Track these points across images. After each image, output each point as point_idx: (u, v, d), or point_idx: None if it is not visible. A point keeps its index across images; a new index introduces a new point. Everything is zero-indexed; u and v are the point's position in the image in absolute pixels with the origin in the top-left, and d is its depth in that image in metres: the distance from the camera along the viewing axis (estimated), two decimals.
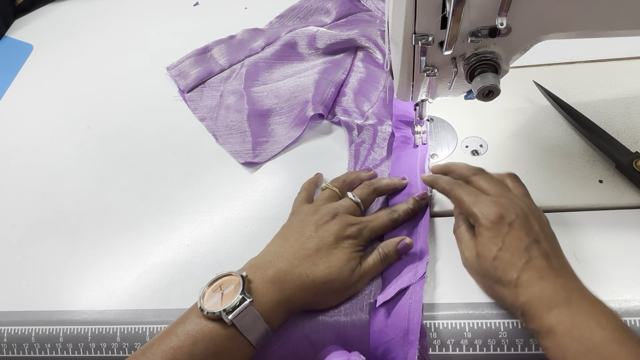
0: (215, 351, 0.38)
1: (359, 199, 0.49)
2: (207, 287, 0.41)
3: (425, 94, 0.47)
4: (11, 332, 0.49)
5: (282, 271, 0.42)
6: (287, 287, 0.42)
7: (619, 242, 0.46)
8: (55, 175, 0.63)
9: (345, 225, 0.46)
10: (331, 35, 0.68)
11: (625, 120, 0.54)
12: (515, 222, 0.40)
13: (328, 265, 0.43)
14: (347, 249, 0.44)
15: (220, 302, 0.40)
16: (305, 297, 0.43)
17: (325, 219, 0.46)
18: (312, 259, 0.43)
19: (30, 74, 0.79)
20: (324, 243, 0.44)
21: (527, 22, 0.38)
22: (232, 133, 0.62)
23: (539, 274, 0.38)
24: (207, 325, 0.39)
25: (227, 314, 0.39)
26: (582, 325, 0.35)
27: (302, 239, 0.45)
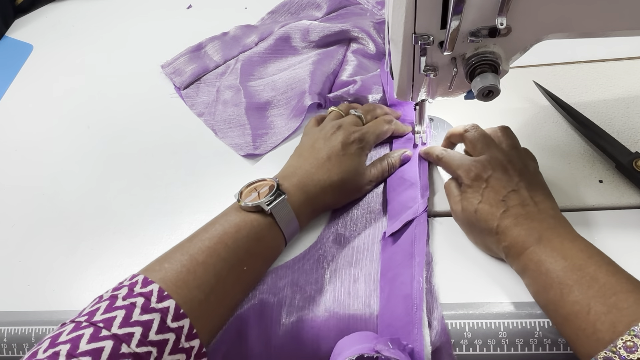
0: (256, 237, 0.44)
1: (360, 113, 0.56)
2: (244, 187, 0.47)
3: (425, 94, 0.47)
4: (11, 332, 0.49)
5: (304, 178, 0.49)
6: (310, 191, 0.48)
7: (619, 242, 0.46)
8: (55, 175, 0.63)
9: (349, 132, 0.52)
10: (324, 27, 0.68)
11: (625, 120, 0.54)
12: (492, 177, 0.45)
13: (340, 170, 0.49)
14: (354, 154, 0.51)
15: (258, 197, 0.46)
16: (326, 198, 0.50)
17: (332, 131, 0.52)
18: (326, 166, 0.49)
19: (30, 74, 0.79)
20: (333, 151, 0.50)
21: (527, 22, 0.38)
22: (231, 127, 0.63)
23: (515, 221, 0.42)
24: (248, 215, 0.45)
25: (266, 206, 0.45)
26: (548, 259, 0.40)
27: (314, 152, 0.51)
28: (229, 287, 0.43)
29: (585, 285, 0.37)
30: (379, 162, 0.53)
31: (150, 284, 0.38)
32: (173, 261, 0.41)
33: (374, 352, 0.39)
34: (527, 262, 0.41)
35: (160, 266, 0.41)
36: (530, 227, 0.42)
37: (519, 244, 0.42)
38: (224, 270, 0.42)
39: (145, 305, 0.37)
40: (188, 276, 0.40)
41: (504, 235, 0.43)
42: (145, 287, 0.38)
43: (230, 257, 0.42)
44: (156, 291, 0.38)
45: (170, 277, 0.40)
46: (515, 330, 0.42)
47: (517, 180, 0.44)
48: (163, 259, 0.42)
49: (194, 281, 0.40)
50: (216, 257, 0.42)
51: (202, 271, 0.41)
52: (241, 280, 0.44)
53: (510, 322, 0.42)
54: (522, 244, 0.41)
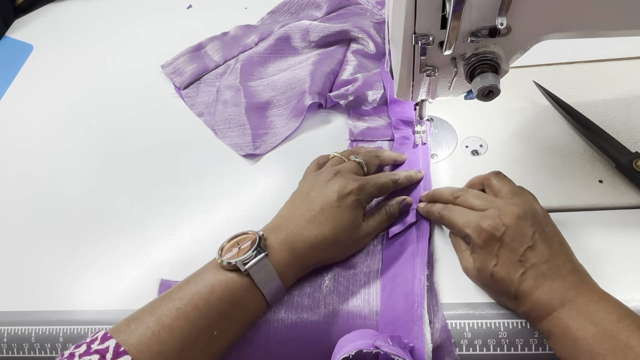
0: (232, 300, 0.41)
1: (361, 159, 0.51)
2: (226, 242, 0.44)
3: (425, 94, 0.47)
4: (11, 332, 0.49)
5: (292, 233, 0.45)
6: (298, 247, 0.44)
7: (619, 242, 0.46)
8: (55, 175, 0.63)
9: (347, 181, 0.47)
10: (324, 27, 0.68)
11: (625, 120, 0.54)
12: (506, 235, 0.41)
13: (334, 225, 0.45)
14: (350, 207, 0.46)
15: (238, 255, 0.42)
16: (317, 256, 0.45)
17: (328, 178, 0.48)
18: (318, 219, 0.45)
19: (30, 74, 0.79)
20: (328, 202, 0.46)
21: (527, 22, 0.38)
22: (231, 127, 0.63)
23: (535, 282, 0.39)
24: (224, 275, 0.41)
25: (244, 265, 0.41)
26: (575, 325, 0.37)
27: (307, 201, 0.47)
28: (196, 353, 0.39)
29: (620, 354, 0.34)
30: (377, 213, 0.49)
31: (108, 339, 0.37)
32: (140, 322, 0.39)
33: (374, 347, 0.39)
34: (553, 328, 0.38)
35: (126, 327, 0.38)
36: (551, 289, 0.39)
37: (541, 308, 0.39)
38: (192, 335, 0.39)
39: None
40: (151, 340, 0.37)
41: (524, 300, 0.40)
42: (103, 343, 0.36)
43: (199, 320, 0.39)
44: (112, 347, 0.36)
45: (133, 340, 0.37)
46: (515, 330, 0.42)
47: (531, 232, 0.41)
48: (132, 319, 0.39)
49: (157, 346, 0.37)
50: (184, 319, 0.39)
51: (167, 335, 0.38)
52: (211, 346, 0.40)
53: (510, 322, 0.42)
54: (545, 308, 0.38)
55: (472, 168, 0.53)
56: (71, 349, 0.37)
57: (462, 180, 0.52)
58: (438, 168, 0.54)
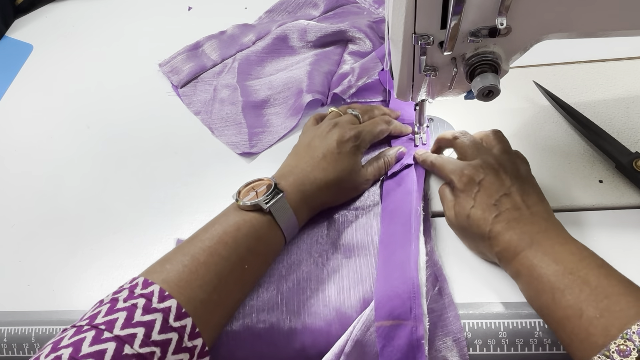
0: (256, 236, 0.44)
1: (357, 112, 0.55)
2: (242, 187, 0.47)
3: (425, 94, 0.47)
4: (11, 332, 0.49)
5: (300, 178, 0.49)
6: (306, 189, 0.48)
7: (619, 242, 0.46)
8: (55, 175, 0.63)
9: (345, 130, 0.51)
10: (321, 27, 0.68)
11: (625, 120, 0.54)
12: (484, 181, 0.45)
13: (335, 169, 0.49)
14: (349, 153, 0.51)
15: (256, 196, 0.46)
16: (323, 197, 0.50)
17: (328, 129, 0.52)
18: (321, 165, 0.49)
19: (30, 74, 0.79)
20: (329, 149, 0.50)
21: (527, 22, 0.38)
22: (228, 125, 0.63)
23: (507, 225, 0.42)
24: (247, 214, 0.45)
25: (265, 204, 0.45)
26: (539, 264, 0.39)
27: (310, 150, 0.51)
28: (230, 286, 0.42)
29: (577, 289, 0.37)
30: (375, 161, 0.53)
31: (151, 285, 0.38)
32: (174, 262, 0.41)
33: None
34: (520, 267, 0.41)
35: (161, 267, 0.41)
36: (522, 231, 0.41)
37: (511, 249, 0.41)
38: (226, 270, 0.42)
39: (147, 306, 0.37)
40: (190, 276, 0.40)
41: (496, 240, 0.43)
42: (146, 288, 0.38)
43: (231, 255, 0.42)
44: (157, 292, 0.38)
45: (172, 278, 0.39)
46: (515, 330, 0.42)
47: (509, 184, 0.44)
48: (164, 260, 0.42)
49: (196, 281, 0.40)
50: (217, 256, 0.42)
51: (204, 271, 0.41)
52: (242, 279, 0.44)
53: (510, 322, 0.42)
54: (514, 248, 0.41)
55: None
56: (110, 295, 0.39)
57: None
58: None
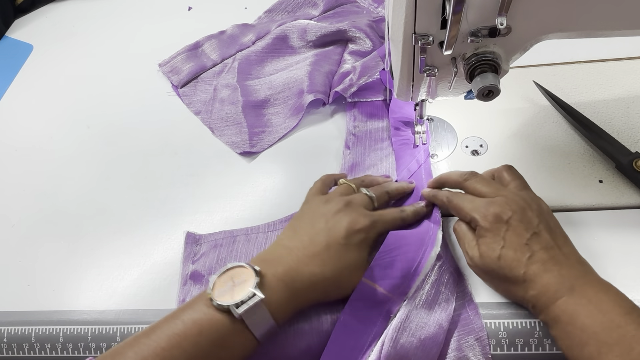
0: (221, 343, 0.38)
1: (373, 194, 0.48)
2: (217, 276, 0.40)
3: (425, 94, 0.47)
4: (11, 332, 0.49)
5: (292, 269, 0.41)
6: (297, 286, 0.41)
7: (619, 242, 0.46)
8: (55, 175, 0.63)
9: (357, 217, 0.44)
10: (321, 27, 0.69)
11: (625, 120, 0.54)
12: (513, 219, 0.41)
13: (338, 266, 0.42)
14: (357, 246, 0.43)
15: (232, 295, 0.38)
16: (314, 295, 0.42)
17: (337, 209, 0.44)
18: (321, 257, 0.42)
19: (30, 74, 0.79)
20: (334, 239, 0.42)
21: (527, 22, 0.38)
22: (228, 125, 0.63)
23: (543, 267, 0.39)
24: (214, 315, 0.38)
25: (237, 308, 0.38)
26: (583, 312, 0.37)
27: (311, 233, 0.43)
28: None
29: (627, 345, 0.34)
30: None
31: None
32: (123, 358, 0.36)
33: None
34: (560, 314, 0.37)
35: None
36: (560, 274, 0.39)
37: (549, 293, 0.38)
38: None
39: None
40: None
41: (532, 283, 0.39)
42: None
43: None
44: None
45: None
46: (515, 330, 0.42)
47: (537, 222, 0.41)
48: (115, 352, 0.37)
49: None
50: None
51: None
52: None
53: (510, 322, 0.42)
54: (553, 293, 0.38)
55: (472, 168, 0.53)
56: None
57: None
58: (438, 168, 0.54)
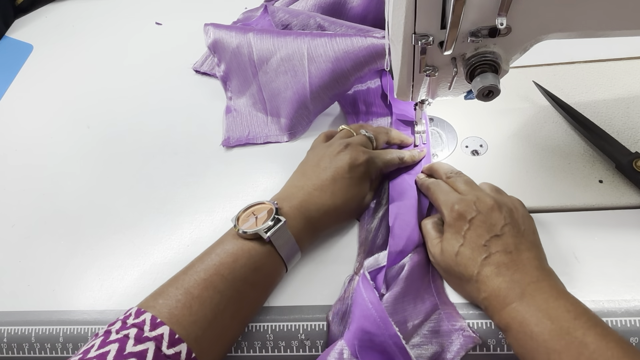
0: (255, 267, 0.42)
1: (371, 134, 0.52)
2: (241, 212, 0.45)
3: (425, 94, 0.47)
4: (11, 332, 0.49)
5: (305, 201, 0.46)
6: (311, 215, 0.46)
7: (619, 242, 0.46)
8: (55, 175, 0.63)
9: (357, 153, 0.48)
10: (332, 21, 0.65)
11: (625, 120, 0.54)
12: (476, 218, 0.42)
13: (346, 196, 0.47)
14: (359, 178, 0.48)
15: (256, 223, 0.43)
16: (328, 221, 0.48)
17: (339, 149, 0.49)
18: (330, 188, 0.47)
19: (30, 74, 0.79)
20: (339, 173, 0.47)
21: (527, 22, 0.38)
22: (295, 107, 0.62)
23: (497, 270, 0.40)
24: (245, 243, 0.42)
25: (265, 233, 0.42)
26: (532, 319, 0.37)
27: (318, 171, 0.48)
28: (227, 321, 0.40)
29: (575, 351, 0.34)
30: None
31: (143, 313, 0.37)
32: (167, 296, 0.39)
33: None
34: (510, 321, 0.38)
35: (154, 302, 0.39)
36: (512, 280, 0.39)
37: (500, 298, 0.39)
38: (221, 304, 0.40)
39: (139, 336, 0.36)
40: (183, 311, 0.38)
41: (484, 285, 0.40)
42: (138, 317, 0.37)
43: (227, 289, 0.40)
44: (149, 320, 0.37)
45: (164, 314, 0.37)
46: None
47: (502, 224, 0.41)
48: (157, 293, 0.40)
49: (190, 317, 0.38)
50: (212, 289, 0.40)
51: (198, 306, 0.39)
52: (240, 313, 0.42)
53: None
54: (503, 298, 0.39)
55: (472, 168, 0.53)
56: (105, 327, 0.38)
57: None
58: None
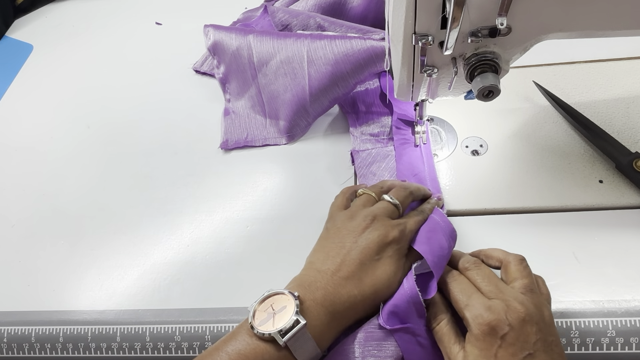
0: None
1: (397, 200, 0.46)
2: (257, 304, 0.39)
3: (425, 94, 0.47)
4: (11, 332, 0.49)
5: (329, 294, 0.40)
6: (337, 309, 0.40)
7: (619, 242, 0.46)
8: (55, 175, 0.63)
9: (386, 229, 0.42)
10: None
11: (625, 120, 0.54)
12: (509, 335, 0.36)
13: (375, 282, 0.40)
14: (392, 258, 0.41)
15: (273, 323, 0.38)
16: (355, 315, 0.41)
17: (364, 225, 0.43)
18: (357, 275, 0.40)
19: (30, 74, 0.79)
20: (367, 255, 0.41)
21: (527, 22, 0.38)
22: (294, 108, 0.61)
23: None
24: (259, 345, 0.37)
25: (282, 336, 0.37)
26: None
27: (343, 253, 0.42)
28: None
29: None
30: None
31: None
32: None
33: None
34: None
35: None
36: None
37: None
38: None
39: None
40: None
41: None
42: None
43: None
44: None
45: None
46: None
47: (534, 339, 0.36)
48: None
49: None
50: None
51: None
52: None
53: None
54: None
55: (472, 168, 0.54)
56: None
57: (463, 180, 0.52)
58: (438, 168, 0.54)
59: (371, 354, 0.40)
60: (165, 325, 0.47)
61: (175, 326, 0.47)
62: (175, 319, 0.47)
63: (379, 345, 0.40)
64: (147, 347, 0.46)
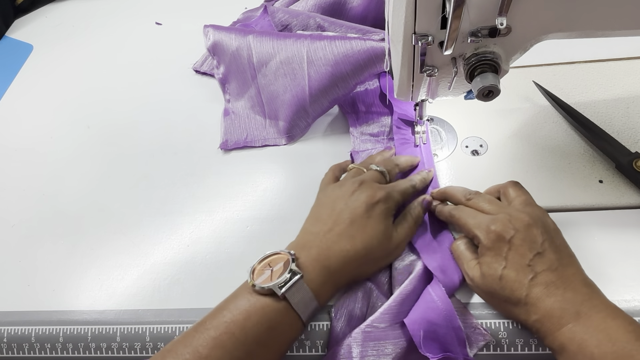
0: (269, 325, 0.39)
1: (383, 168, 0.49)
2: (257, 264, 0.42)
3: (425, 94, 0.47)
4: (11, 332, 0.49)
5: (324, 250, 0.43)
6: (331, 264, 0.42)
7: (619, 242, 0.46)
8: (55, 175, 0.63)
9: (373, 191, 0.45)
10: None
11: (625, 120, 0.54)
12: (515, 238, 0.40)
13: (365, 236, 0.43)
14: (380, 216, 0.44)
15: (271, 277, 0.40)
16: (350, 271, 0.43)
17: (352, 189, 0.46)
18: (348, 232, 0.43)
19: (30, 74, 0.79)
20: (356, 213, 0.44)
21: (527, 22, 0.38)
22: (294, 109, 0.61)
23: (546, 290, 0.38)
24: (259, 300, 0.40)
25: (279, 289, 0.39)
26: (592, 341, 0.35)
27: (334, 215, 0.45)
28: None
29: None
30: (404, 220, 0.47)
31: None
32: (175, 354, 0.38)
33: None
34: (566, 342, 0.36)
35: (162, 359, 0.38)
36: (564, 299, 0.37)
37: (554, 319, 0.37)
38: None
39: None
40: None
41: (534, 307, 0.38)
42: None
43: (236, 349, 0.38)
44: None
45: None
46: (515, 330, 0.42)
47: (541, 240, 0.40)
48: (167, 350, 0.39)
49: None
50: (221, 349, 0.38)
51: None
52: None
53: (510, 322, 0.42)
54: (557, 319, 0.37)
55: (472, 168, 0.54)
56: None
57: (463, 180, 0.52)
58: (438, 168, 0.54)
59: (370, 353, 0.40)
60: (165, 325, 0.47)
61: (175, 326, 0.47)
62: (175, 319, 0.47)
63: (378, 345, 0.41)
64: (147, 347, 0.46)
